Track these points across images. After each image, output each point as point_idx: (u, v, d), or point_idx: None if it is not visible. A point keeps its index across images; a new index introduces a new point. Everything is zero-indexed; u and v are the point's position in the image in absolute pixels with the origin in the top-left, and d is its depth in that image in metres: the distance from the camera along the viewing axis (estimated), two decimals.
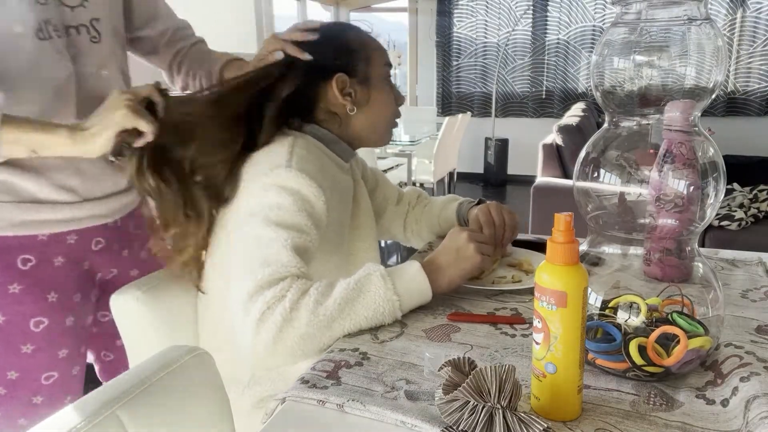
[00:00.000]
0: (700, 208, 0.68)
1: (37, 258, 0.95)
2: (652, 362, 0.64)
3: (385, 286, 0.81)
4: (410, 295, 0.84)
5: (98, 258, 1.05)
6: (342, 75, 0.98)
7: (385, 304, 0.80)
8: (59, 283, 0.98)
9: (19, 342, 0.95)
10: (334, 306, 0.78)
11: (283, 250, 0.82)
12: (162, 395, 0.65)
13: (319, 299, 0.78)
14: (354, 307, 0.79)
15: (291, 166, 0.88)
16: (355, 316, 0.79)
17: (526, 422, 0.53)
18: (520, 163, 5.88)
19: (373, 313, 0.80)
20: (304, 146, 0.94)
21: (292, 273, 0.81)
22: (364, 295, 0.80)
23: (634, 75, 0.69)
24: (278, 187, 0.87)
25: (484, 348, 0.76)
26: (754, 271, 1.02)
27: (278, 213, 0.85)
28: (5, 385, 0.96)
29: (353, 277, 0.82)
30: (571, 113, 3.99)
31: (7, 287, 0.93)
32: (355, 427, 0.61)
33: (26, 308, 0.94)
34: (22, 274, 0.94)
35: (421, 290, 0.85)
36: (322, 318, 0.77)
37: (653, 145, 0.70)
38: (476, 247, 0.89)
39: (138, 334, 0.97)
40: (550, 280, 0.58)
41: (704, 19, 0.66)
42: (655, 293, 0.70)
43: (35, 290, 0.95)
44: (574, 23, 5.74)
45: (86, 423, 0.56)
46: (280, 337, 0.76)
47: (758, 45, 5.13)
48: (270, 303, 0.77)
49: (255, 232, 0.84)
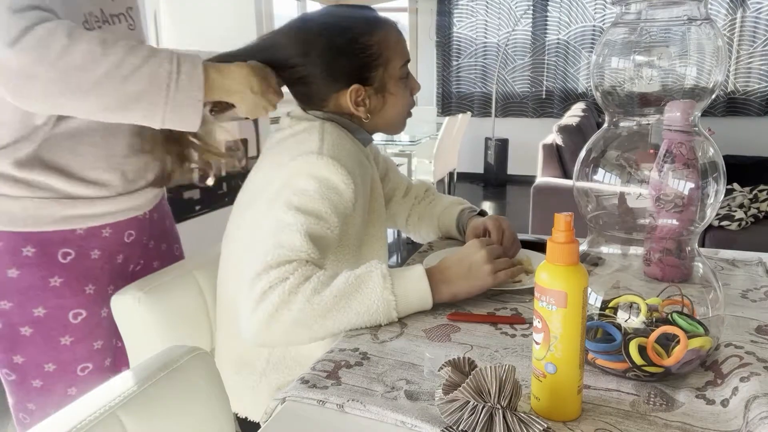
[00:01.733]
0: (700, 208, 0.68)
1: (75, 251, 0.98)
2: (652, 362, 0.64)
3: (384, 285, 0.81)
4: (408, 299, 0.83)
5: (129, 250, 1.07)
6: (356, 86, 0.96)
7: (380, 302, 0.80)
8: (96, 276, 1.01)
9: (59, 334, 0.97)
10: (331, 297, 0.79)
11: (297, 235, 0.83)
12: (162, 395, 0.65)
13: (318, 288, 0.79)
14: (349, 301, 0.79)
15: (323, 153, 0.88)
16: (348, 311, 0.79)
17: (526, 422, 0.53)
18: (520, 163, 5.88)
19: (366, 310, 0.80)
20: (335, 132, 0.94)
21: (300, 258, 0.81)
22: (361, 291, 0.80)
23: (634, 75, 0.69)
24: (308, 173, 0.88)
25: (484, 348, 0.76)
26: (754, 271, 1.02)
27: (301, 198, 0.86)
28: (42, 377, 0.98)
29: (355, 272, 0.82)
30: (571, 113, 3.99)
31: (48, 281, 0.95)
32: (355, 427, 0.61)
33: (66, 301, 0.97)
34: (62, 267, 0.96)
35: (421, 296, 0.84)
36: (316, 307, 0.78)
37: (653, 145, 0.70)
38: (491, 269, 0.87)
39: (138, 334, 0.97)
40: (550, 280, 0.58)
41: (704, 19, 0.66)
42: (655, 293, 0.70)
43: (74, 283, 0.98)
44: (574, 23, 5.74)
45: (86, 423, 0.56)
46: (274, 317, 0.77)
47: (758, 45, 5.13)
48: (272, 283, 0.79)
49: (276, 215, 0.86)
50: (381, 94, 0.99)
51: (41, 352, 0.97)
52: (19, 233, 0.93)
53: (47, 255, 0.95)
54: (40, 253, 0.94)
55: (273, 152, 0.98)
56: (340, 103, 0.98)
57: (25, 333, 0.96)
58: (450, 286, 0.86)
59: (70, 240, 0.97)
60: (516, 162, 5.93)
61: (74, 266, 0.98)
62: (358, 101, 0.97)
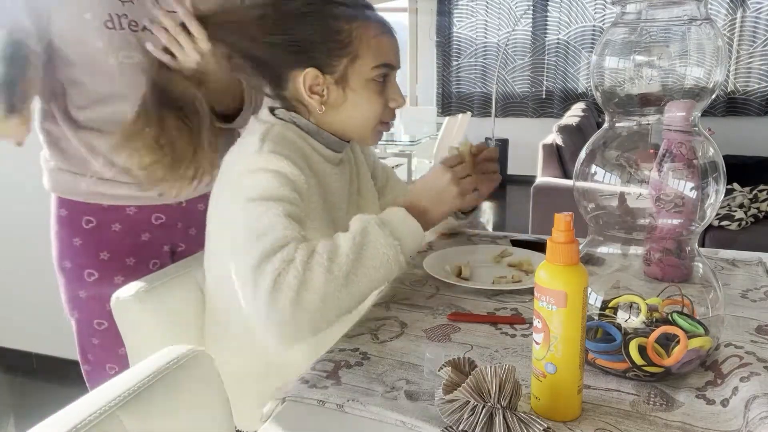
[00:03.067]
0: (700, 208, 0.68)
1: (97, 221, 1.13)
2: (652, 362, 0.64)
3: (384, 232, 0.79)
4: (407, 239, 0.82)
5: (159, 232, 1.18)
6: (312, 71, 0.88)
7: (388, 250, 0.78)
8: (113, 245, 1.14)
9: (78, 288, 1.15)
10: (347, 260, 0.75)
11: (277, 218, 0.79)
12: (162, 395, 0.65)
13: (331, 257, 0.75)
14: (362, 258, 0.77)
15: (262, 150, 0.85)
16: (365, 268, 0.77)
17: (526, 422, 0.53)
18: (520, 163, 5.88)
19: (380, 262, 0.78)
20: (278, 133, 0.89)
21: (295, 237, 0.78)
22: (367, 245, 0.78)
23: (634, 75, 0.69)
24: (253, 170, 0.84)
25: (484, 348, 0.76)
26: (754, 271, 1.02)
27: (260, 191, 0.81)
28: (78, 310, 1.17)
29: (351, 230, 0.80)
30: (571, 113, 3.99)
31: (72, 239, 1.14)
32: (355, 427, 0.61)
33: (82, 260, 1.14)
34: (83, 231, 1.13)
35: (415, 232, 0.83)
36: (337, 274, 0.74)
37: (653, 145, 0.70)
38: (458, 191, 0.87)
39: (138, 333, 0.97)
40: (550, 280, 0.58)
41: (704, 19, 0.66)
42: (655, 293, 0.70)
43: (91, 247, 1.14)
44: (574, 23, 5.74)
45: (86, 423, 0.56)
46: (298, 301, 0.72)
47: (758, 45, 5.13)
48: (280, 269, 0.73)
49: (241, 213, 0.81)
50: (341, 88, 0.91)
51: (68, 298, 1.17)
52: (60, 197, 1.14)
53: (73, 219, 1.13)
54: (70, 216, 1.13)
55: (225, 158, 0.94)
56: (297, 89, 0.91)
57: (61, 280, 1.16)
58: (426, 215, 0.86)
59: (94, 211, 1.13)
60: (516, 162, 5.92)
61: (93, 232, 1.13)
62: (314, 88, 0.90)
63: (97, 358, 1.18)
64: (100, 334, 1.15)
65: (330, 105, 0.92)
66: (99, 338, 1.16)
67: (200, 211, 1.21)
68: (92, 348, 1.17)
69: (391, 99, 0.94)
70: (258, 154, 0.84)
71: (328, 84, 0.90)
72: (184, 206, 1.20)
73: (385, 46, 0.92)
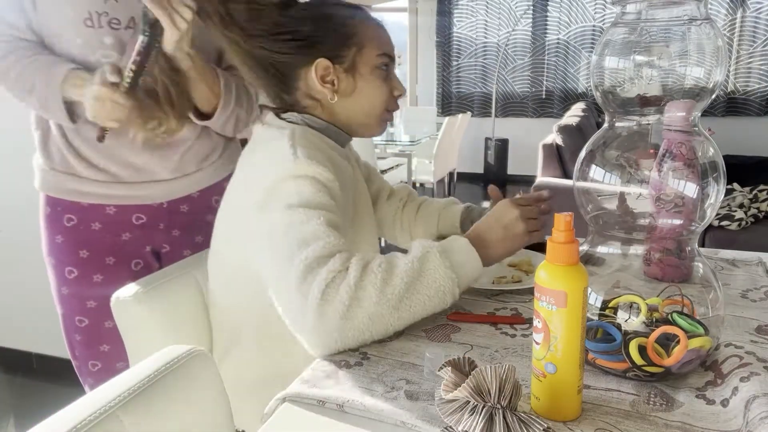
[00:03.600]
0: (700, 208, 0.68)
1: (77, 219, 1.16)
2: (652, 362, 0.64)
3: (443, 263, 0.78)
4: (465, 272, 0.80)
5: (140, 232, 1.20)
6: (324, 61, 0.92)
7: (445, 281, 0.77)
8: (92, 244, 1.16)
9: (61, 284, 1.17)
10: (401, 284, 0.74)
11: (320, 227, 0.78)
12: (162, 395, 0.65)
13: (386, 278, 0.74)
14: (418, 286, 0.76)
15: (297, 156, 0.84)
16: (419, 295, 0.76)
17: (526, 422, 0.53)
18: (520, 163, 5.88)
19: (435, 292, 0.77)
20: (303, 135, 0.90)
21: (340, 248, 0.77)
22: (425, 273, 0.77)
23: (634, 75, 0.69)
24: (291, 177, 0.83)
25: (484, 348, 0.76)
26: (754, 271, 1.02)
27: (299, 198, 0.81)
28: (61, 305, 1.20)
29: (412, 254, 0.79)
30: (571, 113, 3.99)
31: (54, 237, 1.16)
32: (355, 427, 0.61)
33: (64, 257, 1.16)
34: (65, 229, 1.16)
35: (474, 266, 0.82)
36: (390, 297, 0.74)
37: (653, 145, 0.69)
38: (526, 227, 0.87)
39: (138, 333, 0.97)
40: (550, 280, 0.58)
41: (704, 19, 0.66)
42: (655, 293, 0.70)
43: (71, 244, 1.16)
44: (574, 23, 5.74)
45: (86, 423, 0.56)
46: (348, 316, 0.72)
47: (758, 45, 5.13)
48: (328, 281, 0.73)
49: (281, 221, 0.80)
50: (351, 76, 0.95)
51: (54, 294, 1.19)
52: (45, 195, 1.16)
53: (56, 217, 1.16)
54: (53, 214, 1.16)
55: (248, 163, 0.94)
56: (309, 84, 0.94)
57: (49, 275, 1.19)
58: (490, 250, 0.85)
59: (75, 209, 1.15)
60: (516, 162, 5.92)
61: (73, 231, 1.15)
62: (326, 78, 0.93)
63: (81, 354, 1.20)
64: (82, 331, 1.18)
65: (341, 93, 0.95)
66: (81, 335, 1.18)
67: (183, 212, 1.22)
68: (77, 344, 1.20)
69: (394, 87, 1.00)
70: (295, 161, 0.83)
71: (338, 73, 0.94)
72: (165, 207, 1.21)
73: (385, 39, 0.99)
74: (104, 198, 1.15)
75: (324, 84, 0.94)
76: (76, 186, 1.14)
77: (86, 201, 1.15)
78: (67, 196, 1.15)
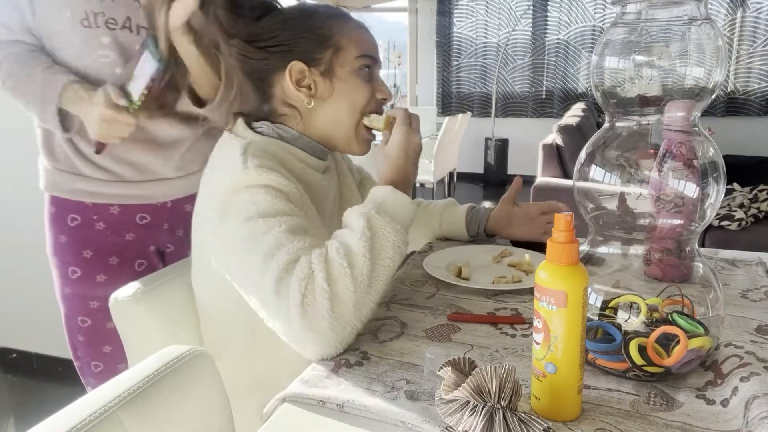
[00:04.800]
0: (700, 208, 0.68)
1: (81, 219, 1.16)
2: (652, 362, 0.64)
3: (385, 219, 0.79)
4: (403, 217, 0.82)
5: (144, 232, 1.20)
6: (298, 63, 0.90)
7: (396, 236, 0.78)
8: (96, 244, 1.16)
9: (63, 284, 1.17)
10: (365, 261, 0.75)
11: (281, 234, 0.77)
12: (162, 395, 0.65)
13: (350, 262, 0.75)
14: (377, 254, 0.77)
15: (247, 166, 0.82)
16: (382, 262, 0.77)
17: (526, 422, 0.53)
18: (520, 163, 5.88)
19: (393, 252, 0.78)
20: (259, 146, 0.87)
21: (302, 251, 0.77)
22: (376, 239, 0.78)
23: (634, 75, 0.69)
24: (243, 188, 0.81)
25: (484, 348, 0.76)
26: (754, 271, 1.02)
27: (256, 208, 0.80)
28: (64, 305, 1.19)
29: (355, 227, 0.78)
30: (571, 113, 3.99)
31: (58, 237, 1.16)
32: (355, 427, 0.61)
33: (67, 258, 1.16)
34: (68, 229, 1.16)
35: (407, 206, 0.83)
36: (361, 279, 0.74)
37: (653, 145, 0.69)
38: (415, 131, 0.91)
39: (138, 333, 0.97)
40: (550, 280, 0.58)
41: (704, 19, 0.66)
42: (655, 293, 0.70)
43: (75, 245, 1.16)
44: (574, 23, 5.74)
45: (86, 423, 0.56)
46: (334, 317, 0.72)
47: (758, 45, 5.13)
48: (302, 290, 0.72)
49: (242, 233, 0.79)
50: (328, 79, 0.92)
51: (58, 294, 1.19)
52: (50, 195, 1.17)
53: (60, 216, 1.16)
54: (57, 213, 1.16)
55: (206, 173, 0.92)
56: (284, 90, 0.92)
57: (53, 270, 1.18)
58: (407, 180, 0.88)
59: (79, 209, 1.15)
60: (516, 162, 5.92)
61: (77, 231, 1.15)
62: (301, 83, 0.91)
63: (83, 355, 1.20)
64: (84, 332, 1.18)
65: (318, 98, 0.92)
66: (83, 335, 1.18)
67: (187, 212, 1.22)
68: (79, 344, 1.20)
69: (377, 90, 0.96)
70: (244, 171, 0.81)
71: (314, 76, 0.92)
72: (169, 207, 1.21)
73: (366, 40, 0.95)
74: (109, 197, 1.16)
75: (300, 88, 0.91)
76: (81, 186, 1.14)
77: (91, 201, 1.15)
78: (72, 196, 1.15)
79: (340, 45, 0.92)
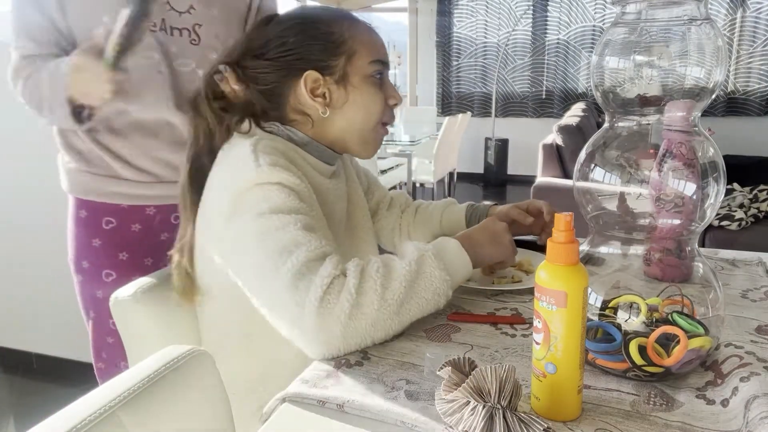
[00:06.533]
0: (700, 208, 0.68)
1: (117, 221, 1.15)
2: (652, 362, 0.64)
3: (438, 266, 0.78)
4: (457, 274, 0.82)
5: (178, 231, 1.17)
6: (313, 73, 0.89)
7: (441, 284, 0.78)
8: (132, 246, 1.16)
9: (95, 288, 1.16)
10: (401, 289, 0.74)
11: (299, 233, 0.76)
12: (162, 395, 0.65)
13: (385, 282, 0.74)
14: (415, 288, 0.76)
15: (260, 164, 0.80)
16: (417, 298, 0.76)
17: (526, 422, 0.53)
18: (520, 163, 5.89)
19: (431, 295, 0.77)
20: (268, 145, 0.85)
21: (326, 251, 0.76)
22: (421, 276, 0.77)
23: (634, 75, 0.69)
24: (255, 185, 0.80)
25: (484, 348, 0.76)
26: (754, 271, 1.02)
27: (269, 204, 0.78)
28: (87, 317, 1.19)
29: (408, 258, 0.78)
30: (571, 113, 3.99)
31: (91, 240, 1.15)
32: (355, 427, 0.61)
33: (101, 261, 1.15)
34: (103, 232, 1.15)
35: (465, 267, 0.83)
36: (390, 302, 0.73)
37: (653, 145, 0.69)
38: (511, 240, 0.90)
39: (138, 333, 0.97)
40: (550, 280, 0.58)
41: (704, 19, 0.66)
42: (655, 293, 0.70)
43: (110, 247, 1.15)
44: (574, 23, 5.75)
45: (86, 423, 0.56)
46: (349, 324, 0.71)
47: (758, 45, 5.13)
48: (325, 287, 0.71)
49: (252, 229, 0.77)
50: (343, 87, 0.90)
51: (84, 298, 1.18)
52: (79, 198, 1.15)
53: (93, 220, 1.14)
54: (90, 217, 1.15)
55: (214, 172, 0.90)
56: (299, 98, 0.91)
57: (78, 279, 1.17)
58: (478, 250, 0.86)
59: (114, 211, 1.15)
60: (516, 162, 5.93)
61: (113, 233, 1.15)
62: (315, 91, 0.90)
63: (110, 356, 1.19)
64: (115, 333, 1.15)
65: (333, 106, 0.91)
66: (114, 337, 1.16)
67: None
68: (107, 346, 1.19)
69: (389, 96, 0.95)
70: (257, 169, 0.80)
71: (329, 85, 0.90)
72: None
73: (377, 44, 0.94)
74: (146, 199, 1.15)
75: (315, 98, 0.90)
76: (119, 188, 1.13)
77: (128, 203, 1.14)
78: (108, 199, 1.14)
79: (353, 51, 0.90)
